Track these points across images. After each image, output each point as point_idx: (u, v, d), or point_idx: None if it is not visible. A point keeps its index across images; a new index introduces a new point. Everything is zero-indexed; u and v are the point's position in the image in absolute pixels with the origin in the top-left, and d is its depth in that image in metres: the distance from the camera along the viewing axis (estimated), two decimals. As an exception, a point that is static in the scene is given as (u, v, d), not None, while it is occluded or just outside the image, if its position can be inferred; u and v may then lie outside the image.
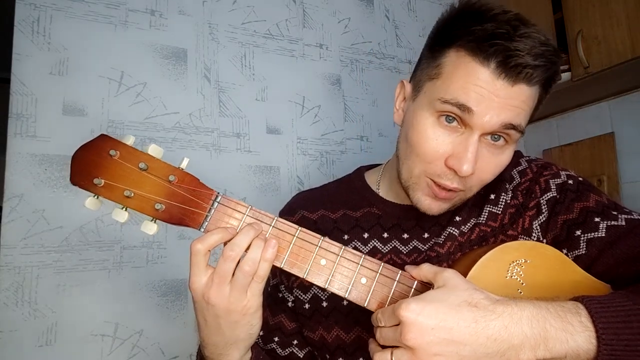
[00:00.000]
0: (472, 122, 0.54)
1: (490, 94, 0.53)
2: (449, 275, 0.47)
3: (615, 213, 0.60)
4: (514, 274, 0.55)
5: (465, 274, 0.54)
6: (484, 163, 0.57)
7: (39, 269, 1.10)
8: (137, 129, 1.25)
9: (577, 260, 0.58)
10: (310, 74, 1.52)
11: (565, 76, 1.33)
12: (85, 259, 1.15)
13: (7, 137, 1.12)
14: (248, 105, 1.41)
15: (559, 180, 0.64)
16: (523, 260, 0.55)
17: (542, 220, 0.63)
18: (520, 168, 0.68)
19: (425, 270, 0.51)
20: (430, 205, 0.60)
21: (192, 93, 1.34)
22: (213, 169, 1.32)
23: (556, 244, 0.60)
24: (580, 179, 0.65)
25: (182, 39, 1.35)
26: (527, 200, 0.65)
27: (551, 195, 0.63)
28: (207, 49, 1.38)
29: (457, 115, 0.55)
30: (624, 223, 0.58)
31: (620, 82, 1.35)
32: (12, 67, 1.15)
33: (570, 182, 0.64)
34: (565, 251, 0.59)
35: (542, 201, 0.63)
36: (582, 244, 0.59)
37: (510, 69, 0.52)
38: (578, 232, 0.59)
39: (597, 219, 0.59)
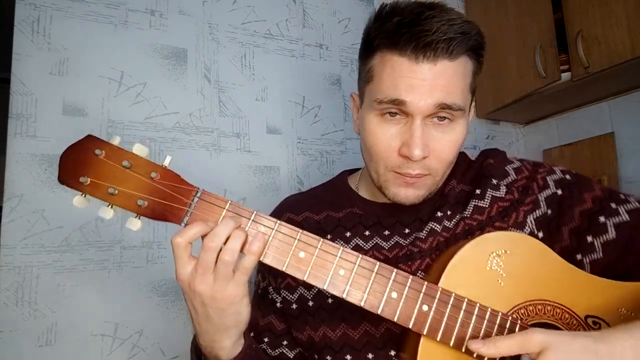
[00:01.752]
0: (410, 110, 0.58)
1: (417, 80, 0.57)
2: (545, 337, 0.46)
3: (614, 206, 0.62)
4: (494, 264, 0.55)
5: (445, 266, 0.55)
6: (436, 143, 0.60)
7: (39, 269, 1.10)
8: (137, 129, 1.25)
9: (605, 246, 0.60)
10: (310, 74, 1.52)
11: (565, 76, 1.33)
12: (85, 259, 1.15)
13: (7, 137, 1.12)
14: (248, 105, 1.41)
15: (555, 177, 0.67)
16: (503, 251, 0.56)
17: (537, 215, 0.65)
18: (514, 165, 0.70)
19: (508, 344, 0.47)
20: (407, 194, 0.63)
21: (192, 93, 1.34)
22: (213, 169, 1.32)
23: (577, 233, 0.62)
24: (574, 172, 0.68)
25: (182, 39, 1.35)
26: (523, 196, 0.66)
27: (551, 192, 0.65)
28: (207, 49, 1.38)
29: (396, 109, 0.59)
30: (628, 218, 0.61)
31: (620, 82, 1.35)
32: (12, 67, 1.15)
33: (568, 176, 0.67)
34: (590, 238, 0.61)
35: (540, 197, 0.65)
36: (609, 229, 0.61)
37: (424, 49, 0.56)
38: (602, 219, 0.61)
39: (613, 205, 0.61)
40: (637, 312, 0.55)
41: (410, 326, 0.52)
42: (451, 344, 0.52)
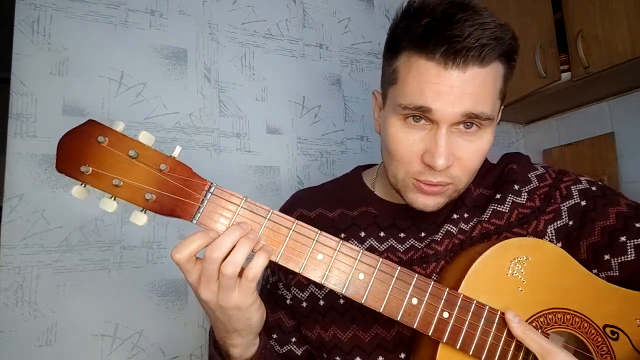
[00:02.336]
0: (436, 118, 0.55)
1: (445, 87, 0.54)
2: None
3: (638, 226, 0.59)
4: (515, 271, 0.54)
5: (465, 271, 0.54)
6: (462, 152, 0.57)
7: (39, 269, 1.10)
8: (137, 129, 1.25)
9: (622, 265, 0.58)
10: (310, 74, 1.52)
11: (565, 76, 1.33)
12: (85, 259, 1.15)
13: (7, 137, 1.12)
14: (248, 105, 1.41)
15: (580, 187, 0.64)
16: (524, 258, 0.55)
17: (558, 225, 0.63)
18: (537, 172, 0.68)
19: (534, 340, 0.50)
20: (425, 202, 0.60)
21: (192, 93, 1.34)
22: (213, 169, 1.32)
23: (595, 249, 0.60)
24: (600, 183, 0.65)
25: (182, 39, 1.35)
26: (544, 205, 0.64)
27: (574, 202, 0.63)
28: (207, 49, 1.38)
29: (421, 115, 0.56)
30: None
31: (620, 82, 1.35)
32: (12, 67, 1.15)
33: (594, 188, 0.64)
34: (608, 256, 0.59)
35: (562, 207, 0.63)
36: (629, 250, 0.58)
37: (454, 55, 0.52)
38: (623, 238, 0.59)
39: (637, 225, 0.59)
40: None
41: (430, 333, 0.51)
42: (470, 352, 0.51)
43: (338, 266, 0.51)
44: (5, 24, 1.35)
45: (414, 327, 0.51)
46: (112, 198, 0.49)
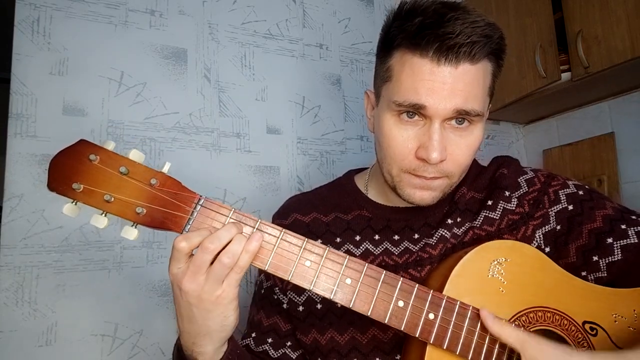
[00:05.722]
0: (429, 114, 0.57)
1: (438, 83, 0.56)
2: (539, 346, 0.48)
3: (624, 227, 0.60)
4: (495, 272, 0.56)
5: (448, 274, 0.55)
6: (454, 147, 0.59)
7: (39, 269, 1.10)
8: (137, 129, 1.25)
9: (610, 266, 0.59)
10: (310, 74, 1.52)
11: (565, 76, 1.33)
12: (85, 259, 1.15)
13: (7, 137, 1.12)
14: (248, 105, 1.41)
15: (568, 191, 0.65)
16: (503, 259, 0.56)
17: (546, 230, 0.64)
18: (527, 177, 0.69)
19: (509, 333, 0.50)
20: (422, 196, 0.62)
21: (192, 93, 1.34)
22: (213, 169, 1.32)
23: (583, 251, 0.61)
24: (587, 187, 0.66)
25: (182, 39, 1.35)
26: (533, 210, 0.65)
27: (561, 206, 0.64)
28: (207, 49, 1.38)
29: (414, 111, 0.58)
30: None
31: (620, 82, 1.35)
32: (12, 67, 1.15)
33: (581, 192, 0.65)
34: (596, 258, 0.60)
35: (550, 212, 0.65)
36: (616, 251, 0.60)
37: (446, 52, 0.55)
38: (610, 240, 0.60)
39: (623, 226, 0.60)
40: (629, 317, 0.56)
41: (417, 335, 0.52)
42: (457, 351, 0.53)
43: (325, 272, 0.53)
44: (5, 24, 1.34)
45: (402, 329, 0.52)
46: (103, 214, 0.51)
